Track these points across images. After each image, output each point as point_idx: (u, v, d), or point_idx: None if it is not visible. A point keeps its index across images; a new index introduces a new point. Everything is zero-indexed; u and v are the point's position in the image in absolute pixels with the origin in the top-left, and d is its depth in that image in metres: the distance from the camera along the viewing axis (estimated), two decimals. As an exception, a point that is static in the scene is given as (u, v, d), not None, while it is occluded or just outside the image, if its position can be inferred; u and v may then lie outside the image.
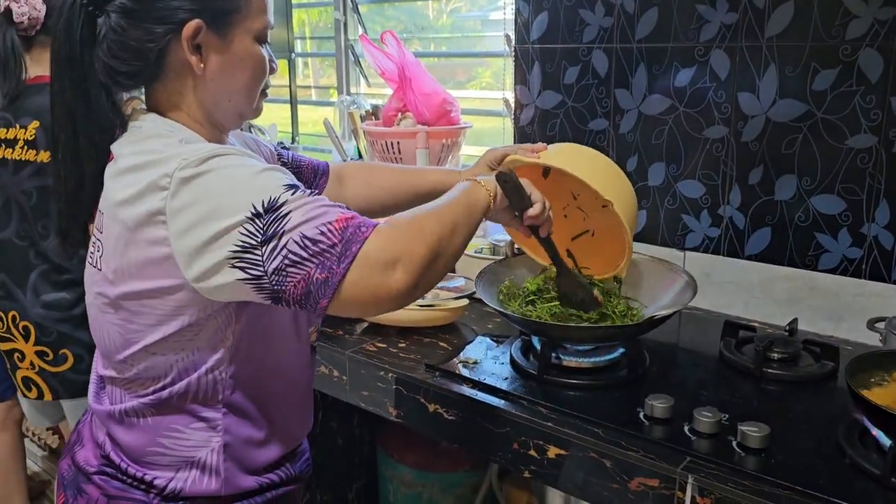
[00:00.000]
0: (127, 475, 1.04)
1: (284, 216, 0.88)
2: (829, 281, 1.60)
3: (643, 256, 1.56)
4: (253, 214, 0.87)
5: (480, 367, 1.44)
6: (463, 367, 1.44)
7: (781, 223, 1.65)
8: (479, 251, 1.89)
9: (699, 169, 1.75)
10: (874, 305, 1.54)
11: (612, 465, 1.15)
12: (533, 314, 1.43)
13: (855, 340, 1.57)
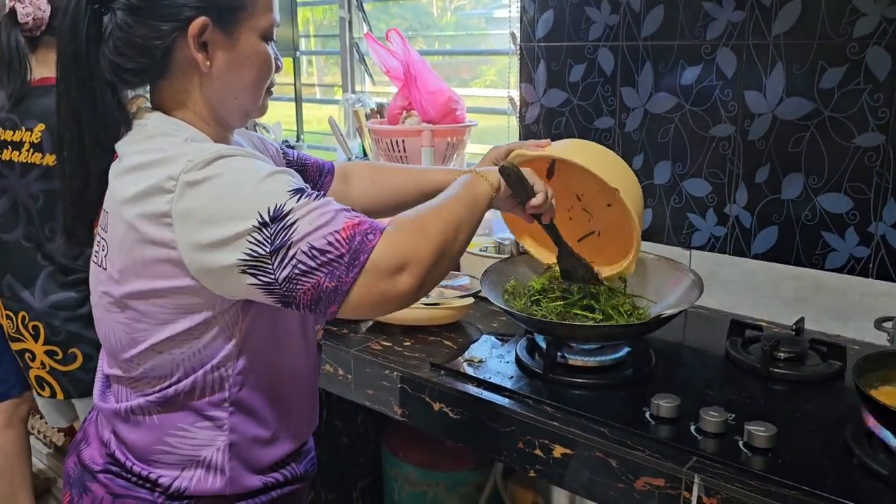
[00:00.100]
0: (132, 474, 1.04)
1: (291, 225, 0.88)
2: (835, 280, 1.59)
3: (649, 255, 1.55)
4: (260, 223, 0.87)
5: (485, 365, 1.44)
6: (468, 365, 1.44)
7: (788, 222, 1.64)
8: (483, 249, 1.89)
9: (705, 167, 1.74)
10: (881, 305, 1.54)
11: (617, 464, 1.15)
12: (538, 313, 1.42)
13: (862, 340, 1.56)
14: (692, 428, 1.18)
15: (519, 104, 2.07)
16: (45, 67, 1.79)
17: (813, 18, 1.53)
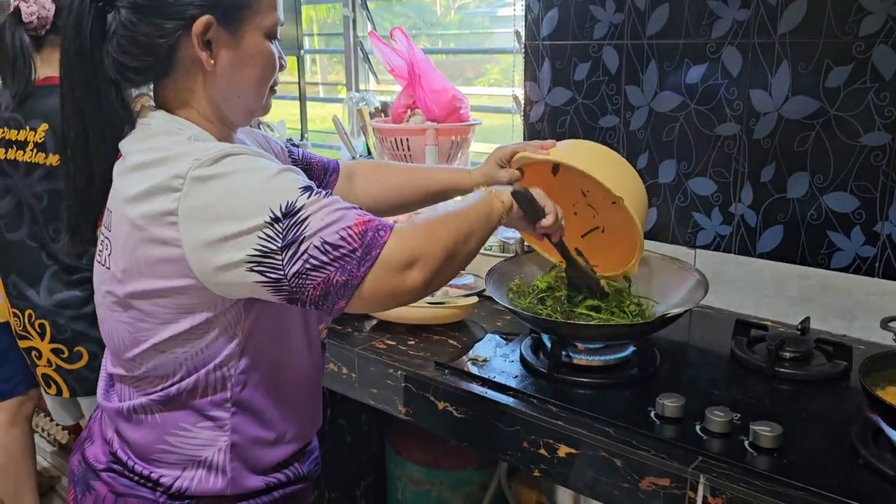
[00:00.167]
0: (134, 473, 1.04)
1: (303, 220, 0.88)
2: (841, 279, 1.59)
3: (654, 254, 1.55)
4: (272, 219, 0.87)
5: (490, 365, 1.43)
6: (472, 364, 1.43)
7: (794, 221, 1.64)
8: (488, 248, 1.89)
9: (710, 166, 1.74)
10: (887, 304, 1.53)
11: (622, 464, 1.14)
12: (543, 312, 1.42)
13: (868, 340, 1.56)
14: (697, 428, 1.17)
15: (523, 103, 2.07)
16: (49, 67, 1.79)
17: (819, 17, 1.52)
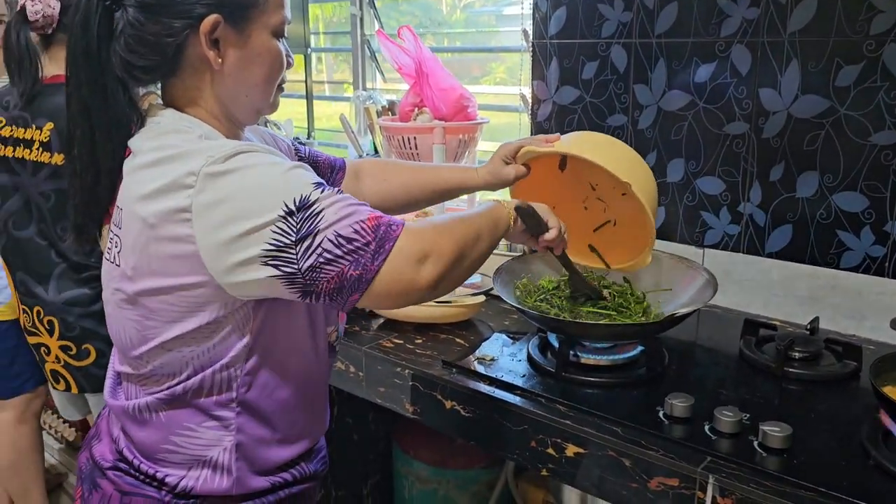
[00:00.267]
0: (140, 472, 1.04)
1: (317, 214, 0.88)
2: (851, 279, 1.58)
3: (663, 253, 1.54)
4: (286, 213, 0.87)
5: (497, 364, 1.43)
6: (479, 363, 1.43)
7: (803, 220, 1.63)
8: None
9: (719, 165, 1.73)
10: (897, 304, 1.52)
11: (631, 464, 1.14)
12: (551, 311, 1.42)
13: (877, 340, 1.55)
14: (706, 428, 1.17)
15: (531, 101, 2.06)
16: (57, 65, 1.78)
17: (829, 16, 1.52)
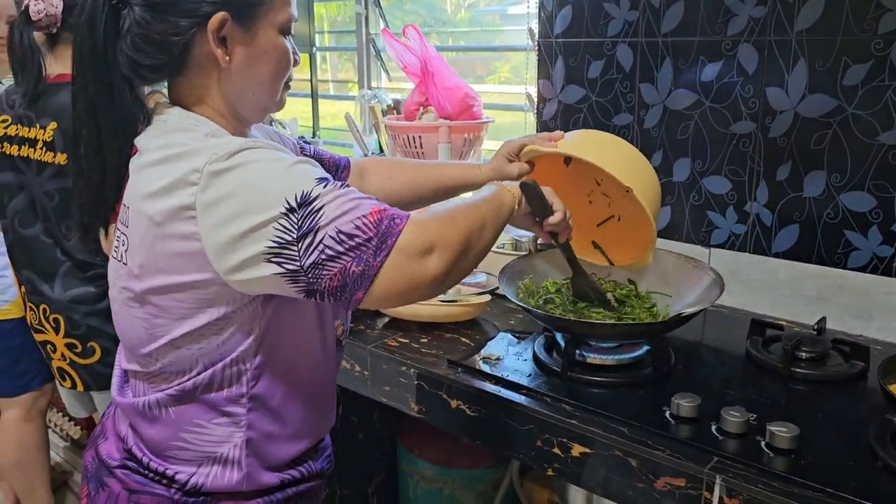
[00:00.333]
0: (149, 469, 1.04)
1: (318, 210, 0.87)
2: (858, 279, 1.57)
3: (669, 253, 1.53)
4: (287, 210, 0.87)
5: (502, 363, 1.43)
6: (484, 363, 1.43)
7: (810, 220, 1.62)
8: (500, 246, 1.88)
9: (725, 165, 1.72)
10: (905, 304, 1.52)
11: (637, 464, 1.13)
12: (556, 311, 1.41)
13: (885, 340, 1.54)
14: (713, 428, 1.17)
15: (536, 100, 2.06)
16: (63, 64, 1.78)
17: (836, 14, 1.51)
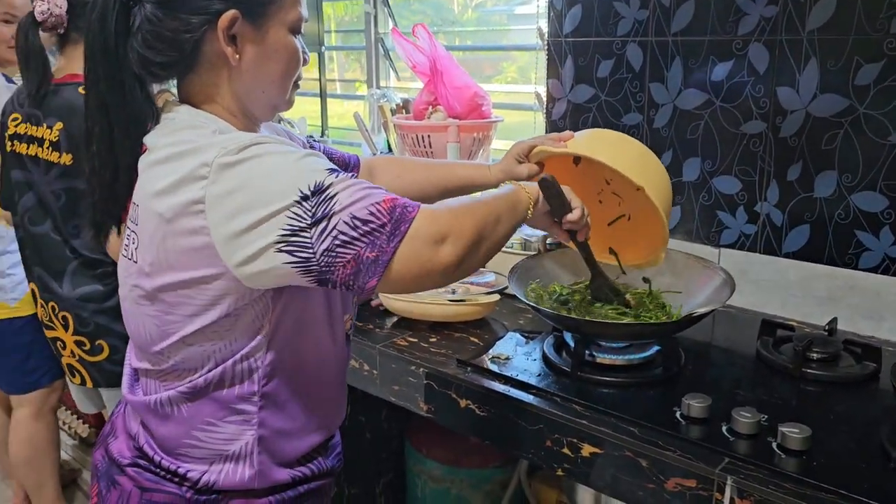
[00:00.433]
0: (160, 468, 1.04)
1: (332, 197, 0.88)
2: (870, 280, 1.56)
3: (679, 253, 1.53)
4: (301, 198, 0.87)
5: (512, 363, 1.42)
6: (493, 362, 1.42)
7: (821, 220, 1.62)
8: (510, 246, 1.87)
9: (736, 165, 1.71)
10: (917, 305, 1.51)
11: (647, 464, 1.13)
12: (562, 310, 1.41)
13: (896, 341, 1.54)
14: (724, 429, 1.16)
15: (546, 100, 2.05)
16: (71, 64, 1.79)
17: (848, 13, 1.50)
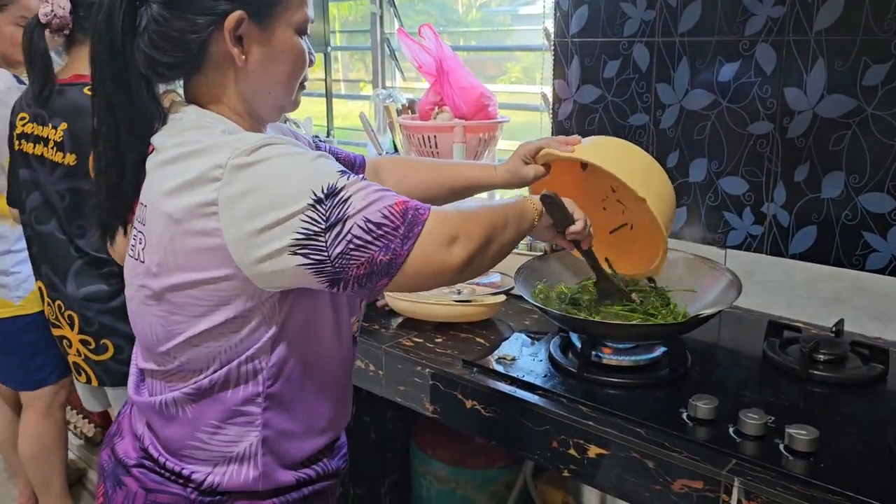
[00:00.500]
0: (165, 469, 1.04)
1: (346, 200, 0.89)
2: (877, 281, 1.55)
3: (685, 254, 1.53)
4: (315, 201, 0.88)
5: (517, 364, 1.42)
6: (499, 363, 1.42)
7: (828, 221, 1.61)
8: (516, 247, 1.87)
9: (742, 165, 1.71)
10: (924, 307, 1.50)
11: (654, 465, 1.13)
12: (570, 311, 1.41)
13: (904, 343, 1.53)
14: (731, 430, 1.16)
15: (552, 100, 2.05)
16: (78, 65, 1.80)
17: (856, 14, 1.50)
